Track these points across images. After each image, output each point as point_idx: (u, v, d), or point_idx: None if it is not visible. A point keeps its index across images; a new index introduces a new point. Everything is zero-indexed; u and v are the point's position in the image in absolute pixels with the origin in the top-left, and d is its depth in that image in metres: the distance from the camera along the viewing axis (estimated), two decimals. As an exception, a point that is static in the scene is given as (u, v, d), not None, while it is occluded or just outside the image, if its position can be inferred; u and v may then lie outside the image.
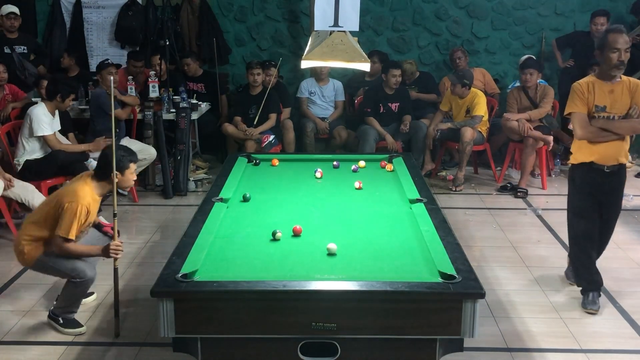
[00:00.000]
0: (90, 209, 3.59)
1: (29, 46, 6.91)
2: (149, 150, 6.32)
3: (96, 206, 3.72)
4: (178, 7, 7.66)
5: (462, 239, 3.66)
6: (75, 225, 3.52)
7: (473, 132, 6.53)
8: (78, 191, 3.59)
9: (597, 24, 7.10)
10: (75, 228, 3.53)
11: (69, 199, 3.56)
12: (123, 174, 3.70)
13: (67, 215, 3.51)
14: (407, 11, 7.89)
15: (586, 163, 4.03)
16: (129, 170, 3.73)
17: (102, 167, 3.69)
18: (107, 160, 3.63)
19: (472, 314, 2.60)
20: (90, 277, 3.73)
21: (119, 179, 3.68)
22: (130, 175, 3.76)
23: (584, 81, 4.10)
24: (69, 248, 3.57)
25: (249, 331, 2.66)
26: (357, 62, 3.50)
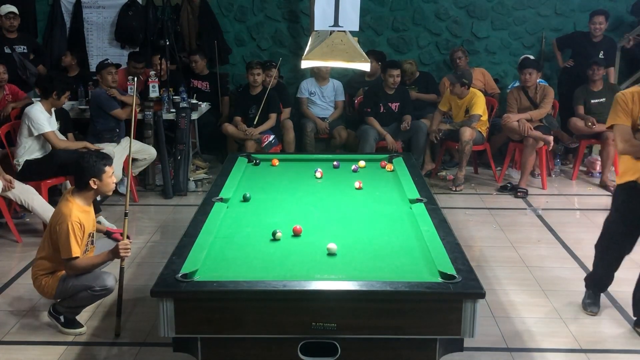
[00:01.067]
0: (82, 222, 3.58)
1: (28, 46, 6.91)
2: (149, 150, 6.32)
3: (88, 217, 3.69)
4: (178, 7, 7.66)
5: (462, 239, 3.66)
6: (74, 243, 3.51)
7: (472, 131, 6.53)
8: (63, 210, 3.59)
9: (595, 24, 7.10)
10: (75, 245, 3.52)
11: (58, 221, 3.58)
12: (101, 180, 3.67)
13: (62, 237, 3.53)
14: (407, 11, 7.89)
15: (631, 182, 3.69)
16: (106, 175, 3.69)
17: (78, 177, 3.69)
18: (79, 167, 3.64)
19: (472, 314, 2.60)
20: (111, 287, 3.68)
21: (97, 186, 3.66)
22: (108, 179, 3.72)
23: (628, 91, 3.72)
24: (79, 265, 3.57)
25: (249, 331, 2.66)
26: (357, 62, 3.50)
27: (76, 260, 3.54)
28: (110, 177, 3.72)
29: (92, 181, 3.63)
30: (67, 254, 3.51)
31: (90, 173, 3.63)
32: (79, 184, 3.68)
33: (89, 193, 3.70)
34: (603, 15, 7.11)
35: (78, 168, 3.67)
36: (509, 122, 6.53)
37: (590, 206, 6.19)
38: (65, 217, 3.54)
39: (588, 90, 6.85)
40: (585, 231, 5.49)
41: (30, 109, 5.33)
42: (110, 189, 3.79)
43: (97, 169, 3.64)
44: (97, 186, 3.67)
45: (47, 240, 3.71)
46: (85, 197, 3.69)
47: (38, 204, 5.09)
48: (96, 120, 6.07)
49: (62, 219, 3.54)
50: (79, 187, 3.68)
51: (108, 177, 3.70)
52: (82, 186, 3.66)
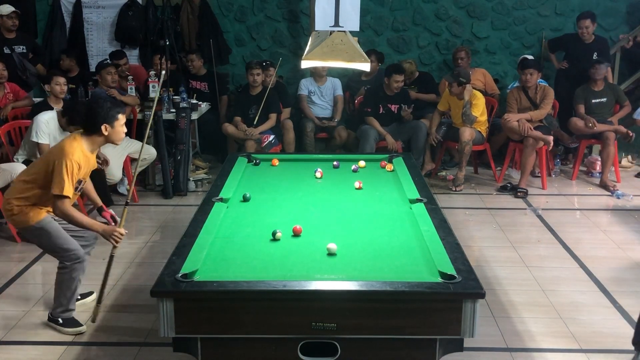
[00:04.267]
0: (81, 164, 3.53)
1: (28, 46, 6.92)
2: (149, 150, 6.32)
3: (88, 163, 3.62)
4: (178, 7, 7.66)
5: (462, 239, 3.66)
6: (68, 181, 3.46)
7: (472, 131, 6.53)
8: (66, 147, 3.53)
9: (582, 28, 7.07)
10: (69, 184, 3.46)
11: (57, 156, 3.51)
12: (113, 126, 3.59)
13: (57, 172, 3.46)
14: (407, 11, 7.89)
15: None
16: (118, 122, 3.61)
17: (89, 121, 3.59)
18: (92, 112, 3.56)
19: (472, 314, 2.60)
20: (80, 258, 3.69)
21: (108, 132, 3.59)
22: (120, 127, 3.64)
23: None
24: (68, 209, 3.52)
25: (249, 331, 2.66)
26: (357, 62, 3.50)
27: (65, 201, 3.49)
28: (121, 126, 3.64)
29: (103, 127, 3.55)
30: (59, 189, 3.46)
31: (103, 118, 3.55)
32: (90, 128, 3.59)
33: (98, 139, 3.63)
34: (589, 19, 7.08)
35: (91, 112, 3.57)
36: (509, 122, 6.53)
37: (590, 206, 6.19)
38: (66, 154, 3.48)
39: (589, 90, 6.85)
40: (585, 231, 5.50)
41: (39, 115, 5.31)
42: (120, 138, 3.70)
43: (110, 115, 3.56)
44: (108, 133, 3.59)
45: (40, 170, 3.63)
46: (93, 141, 3.63)
47: None
48: (96, 120, 6.07)
49: (63, 155, 3.48)
50: (88, 131, 3.60)
51: (120, 126, 3.63)
52: (93, 130, 3.58)
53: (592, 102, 6.83)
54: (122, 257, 4.84)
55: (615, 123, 6.78)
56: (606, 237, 5.34)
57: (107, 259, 3.72)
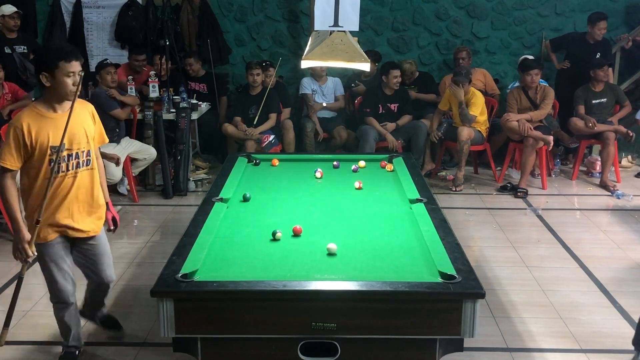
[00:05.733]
0: (31, 127, 3.02)
1: (28, 46, 6.91)
2: (149, 150, 6.33)
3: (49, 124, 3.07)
4: (178, 7, 7.66)
5: (462, 239, 3.66)
6: (6, 149, 3.01)
7: (470, 131, 6.53)
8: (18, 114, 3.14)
9: (601, 29, 7.07)
10: (7, 152, 3.01)
11: None
12: (53, 75, 3.01)
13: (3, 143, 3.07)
14: (407, 11, 7.89)
15: None
16: (59, 71, 3.01)
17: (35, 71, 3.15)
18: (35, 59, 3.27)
19: (472, 314, 2.60)
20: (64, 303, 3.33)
21: (50, 83, 3.04)
22: (64, 78, 3.02)
23: None
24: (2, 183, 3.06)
25: (249, 331, 2.66)
26: (357, 62, 3.50)
27: (5, 174, 3.04)
28: (68, 76, 3.02)
29: (42, 76, 3.04)
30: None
31: (41, 66, 3.06)
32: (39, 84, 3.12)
33: (47, 93, 3.11)
34: (604, 20, 7.09)
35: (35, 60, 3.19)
36: (509, 122, 6.53)
37: (590, 206, 6.19)
38: (12, 121, 3.10)
39: (589, 90, 6.85)
40: (585, 231, 5.50)
41: None
42: (66, 93, 3.06)
43: (49, 61, 3.02)
44: (50, 84, 3.04)
45: None
46: (45, 99, 3.13)
47: None
48: (96, 120, 6.06)
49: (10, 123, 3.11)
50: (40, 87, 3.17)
51: (64, 75, 3.02)
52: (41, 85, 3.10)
53: (592, 103, 6.83)
54: (122, 257, 4.85)
55: (615, 123, 6.78)
56: (606, 237, 5.34)
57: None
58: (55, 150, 3.06)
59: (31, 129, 3.03)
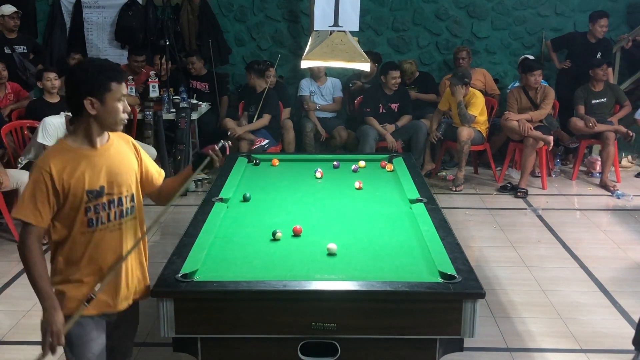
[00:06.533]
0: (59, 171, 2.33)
1: (28, 46, 6.92)
2: (149, 150, 6.31)
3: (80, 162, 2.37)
4: (178, 7, 7.66)
5: (462, 239, 3.66)
6: (28, 200, 2.31)
7: (470, 131, 6.53)
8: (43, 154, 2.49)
9: (602, 26, 7.08)
10: (29, 204, 2.31)
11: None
12: (103, 101, 2.34)
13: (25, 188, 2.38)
14: (407, 11, 7.89)
15: None
16: (111, 95, 2.35)
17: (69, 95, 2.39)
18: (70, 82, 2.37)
19: (472, 314, 2.60)
20: None
21: (97, 110, 2.35)
22: (114, 103, 2.36)
23: None
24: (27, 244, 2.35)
25: (249, 331, 2.66)
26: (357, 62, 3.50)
27: (29, 230, 2.33)
28: (119, 102, 2.38)
29: (87, 101, 2.33)
30: (16, 211, 2.35)
31: (84, 89, 2.33)
32: (72, 110, 2.42)
33: (86, 123, 2.38)
34: (606, 17, 7.10)
35: (70, 81, 2.37)
36: (509, 122, 6.53)
37: (590, 206, 6.19)
38: (35, 164, 2.40)
39: (589, 90, 6.85)
40: (585, 231, 5.50)
41: (48, 118, 5.29)
42: (117, 121, 2.41)
43: (97, 82, 2.33)
44: (97, 111, 2.35)
45: None
46: (82, 131, 2.40)
47: None
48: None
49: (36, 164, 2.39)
50: (73, 113, 2.42)
51: (115, 100, 2.36)
52: (76, 112, 2.39)
53: (592, 102, 6.83)
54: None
55: (615, 123, 6.78)
56: (606, 237, 5.34)
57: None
58: (93, 195, 2.40)
59: (63, 171, 2.34)
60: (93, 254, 2.44)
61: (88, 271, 2.44)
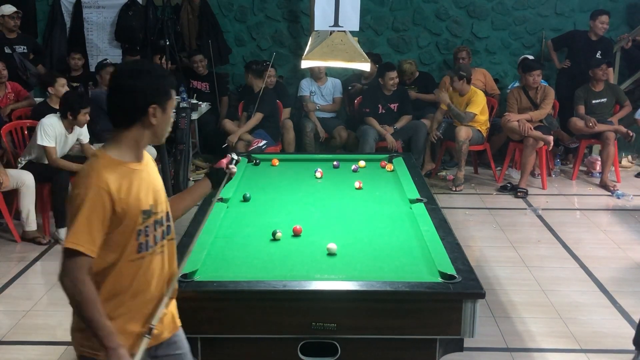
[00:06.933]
0: (118, 188, 2.01)
1: (28, 46, 6.92)
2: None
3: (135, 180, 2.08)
4: (178, 7, 7.66)
5: (462, 239, 3.66)
6: (83, 224, 1.94)
7: (468, 130, 6.53)
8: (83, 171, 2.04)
9: (603, 23, 7.08)
10: (84, 229, 1.94)
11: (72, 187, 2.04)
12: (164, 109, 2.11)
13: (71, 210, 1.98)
14: (407, 11, 7.89)
15: None
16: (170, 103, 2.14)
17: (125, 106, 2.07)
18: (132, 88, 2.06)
19: (472, 314, 2.60)
20: None
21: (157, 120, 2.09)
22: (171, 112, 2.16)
23: None
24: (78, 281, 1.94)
25: (249, 331, 2.66)
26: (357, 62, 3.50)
27: (77, 260, 1.94)
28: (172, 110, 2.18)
29: (151, 109, 2.06)
30: (69, 239, 1.94)
31: (150, 95, 2.06)
32: (124, 119, 2.08)
33: (138, 134, 2.09)
34: (607, 15, 7.11)
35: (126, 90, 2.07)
36: (509, 122, 6.53)
37: (590, 206, 6.19)
38: (82, 180, 1.99)
39: (589, 90, 6.85)
40: (585, 231, 5.50)
41: (45, 119, 5.28)
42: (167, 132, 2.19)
43: (161, 89, 2.09)
44: (157, 120, 2.09)
45: None
46: (130, 142, 2.09)
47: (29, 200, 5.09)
48: (96, 120, 6.04)
49: (78, 183, 2.00)
50: (122, 124, 2.08)
51: (171, 109, 2.17)
52: (130, 121, 2.07)
53: (592, 102, 6.83)
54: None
55: (616, 123, 6.78)
56: (606, 237, 5.34)
57: None
58: (146, 216, 2.12)
59: (120, 189, 2.02)
60: (140, 283, 2.11)
61: (135, 302, 2.11)
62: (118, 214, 2.00)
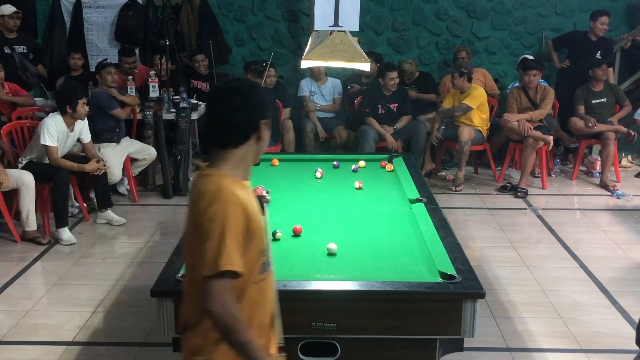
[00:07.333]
0: (252, 207, 1.93)
1: (28, 46, 6.92)
2: (149, 150, 6.32)
3: (253, 199, 1.99)
4: (178, 7, 7.66)
5: (462, 239, 3.65)
6: (232, 244, 1.82)
7: (470, 131, 6.53)
8: (208, 188, 1.91)
9: (603, 24, 7.08)
10: (234, 250, 1.82)
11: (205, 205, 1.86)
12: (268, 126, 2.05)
13: (207, 232, 1.83)
14: (407, 11, 7.89)
15: None
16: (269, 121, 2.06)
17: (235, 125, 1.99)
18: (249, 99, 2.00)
19: (472, 314, 2.60)
20: None
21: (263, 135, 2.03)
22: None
23: None
24: (230, 302, 1.83)
25: (249, 331, 2.66)
26: (357, 62, 3.50)
27: (228, 285, 1.83)
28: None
29: (262, 124, 2.01)
30: (222, 261, 1.81)
31: (261, 110, 2.01)
32: (237, 137, 1.99)
33: (249, 152, 2.01)
34: (607, 15, 7.11)
35: (241, 105, 1.99)
36: (509, 122, 6.53)
37: (590, 206, 6.19)
38: (213, 197, 1.87)
39: (589, 90, 6.85)
40: (585, 231, 5.50)
41: (46, 119, 5.28)
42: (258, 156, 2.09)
43: (268, 104, 2.06)
44: (261, 140, 2.03)
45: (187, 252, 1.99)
46: (240, 160, 2.00)
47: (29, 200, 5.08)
48: (96, 120, 6.05)
49: (209, 200, 1.86)
50: (233, 143, 1.99)
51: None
52: (243, 139, 1.99)
53: (592, 102, 6.83)
54: (122, 257, 4.85)
55: (616, 123, 6.78)
56: (606, 237, 5.34)
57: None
58: (265, 232, 2.05)
59: (249, 205, 1.92)
60: (262, 304, 2.03)
61: (261, 323, 2.03)
62: (250, 232, 1.90)
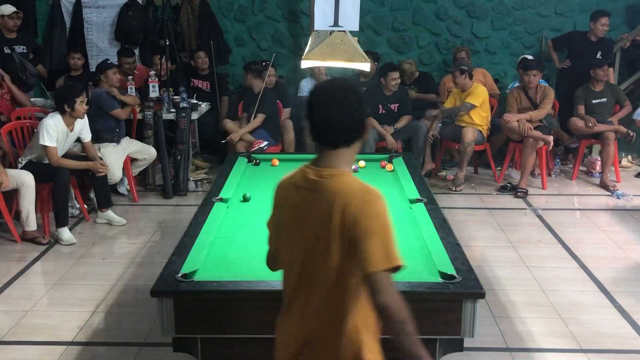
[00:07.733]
0: None
1: (28, 46, 6.92)
2: (149, 150, 6.32)
3: None
4: (178, 7, 7.66)
5: (462, 239, 3.66)
6: (392, 239, 1.95)
7: (474, 132, 6.53)
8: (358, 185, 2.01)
9: (603, 25, 7.08)
10: (394, 244, 1.95)
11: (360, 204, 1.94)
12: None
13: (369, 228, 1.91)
14: (407, 11, 7.89)
15: None
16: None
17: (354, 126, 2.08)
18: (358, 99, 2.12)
19: (472, 314, 2.60)
20: None
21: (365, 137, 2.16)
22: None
23: None
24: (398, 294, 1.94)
25: (249, 331, 2.66)
26: (357, 62, 3.50)
27: (391, 277, 1.93)
28: None
29: (367, 120, 2.16)
30: (394, 257, 1.92)
31: (365, 110, 2.17)
32: (353, 136, 2.07)
33: (356, 149, 2.11)
34: (607, 16, 7.10)
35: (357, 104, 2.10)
36: (509, 122, 6.53)
37: (590, 206, 6.19)
38: (370, 195, 1.97)
39: (589, 90, 6.85)
40: (586, 231, 5.50)
41: (45, 119, 5.27)
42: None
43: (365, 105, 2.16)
44: (367, 135, 2.17)
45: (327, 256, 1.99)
46: (350, 159, 2.11)
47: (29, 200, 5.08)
48: (96, 120, 6.05)
49: (369, 199, 1.95)
50: (348, 141, 2.06)
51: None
52: (357, 136, 2.09)
53: (592, 102, 6.83)
54: (122, 257, 4.85)
55: (616, 123, 6.78)
56: (606, 237, 5.34)
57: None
58: None
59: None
60: None
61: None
62: None
